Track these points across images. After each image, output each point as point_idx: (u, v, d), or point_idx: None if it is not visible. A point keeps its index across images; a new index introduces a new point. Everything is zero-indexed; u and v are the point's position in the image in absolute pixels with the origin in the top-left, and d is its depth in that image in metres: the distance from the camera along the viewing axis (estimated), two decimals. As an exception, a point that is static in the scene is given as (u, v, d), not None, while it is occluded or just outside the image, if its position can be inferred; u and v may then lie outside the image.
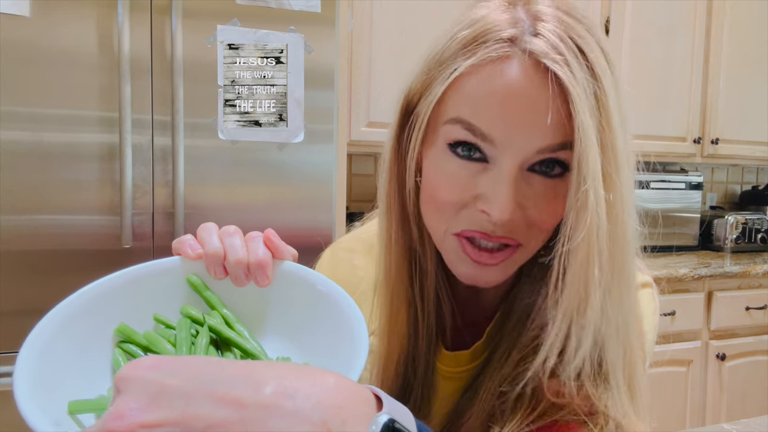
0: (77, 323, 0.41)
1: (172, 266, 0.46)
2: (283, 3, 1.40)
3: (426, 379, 0.58)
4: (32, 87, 1.25)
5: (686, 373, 2.11)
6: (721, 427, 0.91)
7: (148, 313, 0.45)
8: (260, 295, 0.47)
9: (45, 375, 0.37)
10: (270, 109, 1.41)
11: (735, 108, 2.45)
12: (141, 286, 0.45)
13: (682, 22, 2.35)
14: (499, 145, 0.46)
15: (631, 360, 0.50)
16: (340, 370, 0.41)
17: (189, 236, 0.47)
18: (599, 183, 0.44)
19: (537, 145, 0.46)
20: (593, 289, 0.45)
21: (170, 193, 1.36)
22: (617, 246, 0.45)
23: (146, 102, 1.33)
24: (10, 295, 1.25)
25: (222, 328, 0.44)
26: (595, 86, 0.44)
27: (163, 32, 1.33)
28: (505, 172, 0.47)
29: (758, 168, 3.00)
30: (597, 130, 0.44)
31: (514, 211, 0.47)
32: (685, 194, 2.44)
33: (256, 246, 0.46)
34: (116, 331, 0.43)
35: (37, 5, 1.24)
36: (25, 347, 0.38)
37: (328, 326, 0.45)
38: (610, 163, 0.44)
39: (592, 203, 0.43)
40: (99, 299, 0.43)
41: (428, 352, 0.57)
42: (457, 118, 0.48)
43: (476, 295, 0.60)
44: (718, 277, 2.11)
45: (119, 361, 0.42)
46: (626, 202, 0.46)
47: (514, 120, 0.46)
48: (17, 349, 0.38)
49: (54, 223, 1.29)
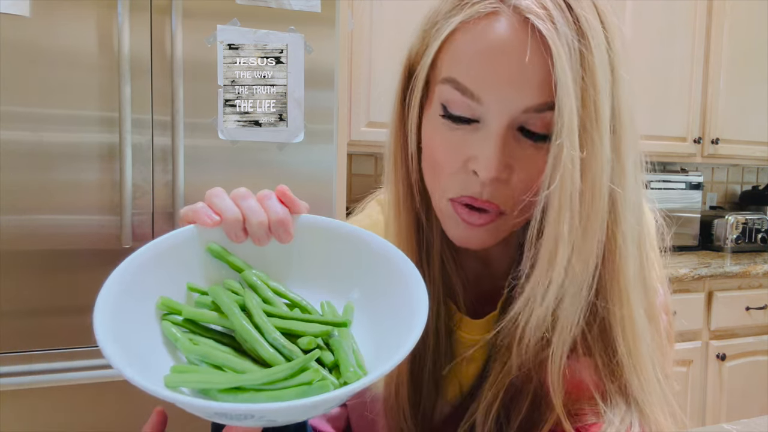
0: (122, 305, 0.41)
1: (188, 236, 0.46)
2: (283, 3, 1.40)
3: (438, 346, 0.58)
4: (32, 87, 1.25)
5: (686, 373, 2.11)
6: (721, 427, 0.91)
7: (179, 285, 0.46)
8: (283, 250, 0.48)
9: (127, 357, 0.37)
10: (270, 109, 1.41)
11: (735, 108, 2.45)
12: (164, 260, 0.45)
13: (682, 22, 2.35)
14: (486, 104, 0.47)
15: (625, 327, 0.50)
16: (396, 303, 0.44)
17: (201, 204, 0.46)
18: (575, 140, 0.44)
19: (523, 104, 0.46)
20: (562, 244, 0.45)
21: (170, 193, 1.36)
22: (589, 206, 0.45)
23: (146, 102, 1.33)
24: (10, 295, 1.25)
25: (261, 285, 0.45)
26: (581, 42, 0.44)
27: (163, 32, 1.33)
28: (493, 130, 0.47)
29: (758, 168, 3.00)
30: (579, 86, 0.44)
31: (500, 169, 0.47)
32: (685, 194, 2.44)
33: (274, 204, 0.46)
34: (159, 306, 0.43)
35: (37, 5, 1.24)
36: (98, 332, 0.37)
37: (363, 265, 0.47)
38: (591, 121, 0.44)
39: (565, 158, 0.43)
40: (134, 278, 0.43)
41: (437, 316, 0.57)
42: (448, 78, 0.48)
43: (486, 268, 0.61)
44: (718, 277, 2.11)
45: (175, 334, 0.42)
46: (603, 161, 0.45)
47: (499, 77, 0.46)
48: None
49: (54, 223, 1.29)
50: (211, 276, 0.47)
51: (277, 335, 0.41)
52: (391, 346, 0.40)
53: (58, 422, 1.29)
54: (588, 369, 0.51)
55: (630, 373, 0.50)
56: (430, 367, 0.58)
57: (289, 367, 0.37)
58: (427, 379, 0.58)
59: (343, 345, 0.41)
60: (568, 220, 0.44)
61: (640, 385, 0.50)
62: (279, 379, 0.37)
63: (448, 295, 0.59)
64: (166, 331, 0.42)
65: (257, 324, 0.42)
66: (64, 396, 1.28)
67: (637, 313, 0.50)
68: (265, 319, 0.42)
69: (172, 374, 0.39)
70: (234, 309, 0.42)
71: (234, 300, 0.43)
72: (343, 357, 0.40)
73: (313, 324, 0.42)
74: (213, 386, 0.38)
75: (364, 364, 0.42)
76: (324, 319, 0.44)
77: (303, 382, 0.37)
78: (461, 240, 0.53)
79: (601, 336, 0.50)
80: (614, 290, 0.49)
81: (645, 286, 0.52)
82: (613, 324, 0.50)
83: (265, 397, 0.37)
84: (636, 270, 0.50)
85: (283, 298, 0.46)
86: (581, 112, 0.44)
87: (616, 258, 0.48)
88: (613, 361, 0.50)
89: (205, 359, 0.41)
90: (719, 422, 2.14)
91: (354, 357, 0.42)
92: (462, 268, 0.60)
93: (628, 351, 0.50)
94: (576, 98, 0.43)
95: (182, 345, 0.42)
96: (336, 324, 0.43)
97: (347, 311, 0.46)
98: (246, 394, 0.37)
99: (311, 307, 0.46)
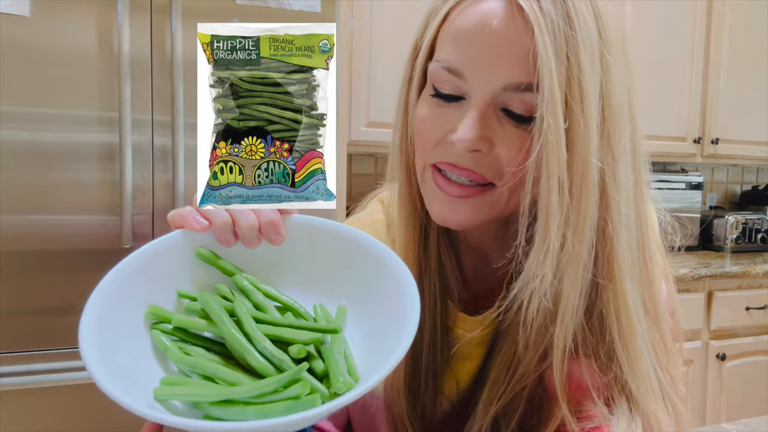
0: (111, 314, 0.41)
1: (177, 242, 0.46)
2: (283, 3, 1.41)
3: (435, 341, 0.58)
4: (32, 87, 1.25)
5: (686, 373, 2.11)
6: (721, 427, 0.91)
7: (169, 292, 0.45)
8: (274, 252, 0.48)
9: (110, 371, 0.37)
10: None
11: (735, 108, 2.45)
12: (153, 267, 0.45)
13: (682, 22, 2.35)
14: (469, 79, 0.48)
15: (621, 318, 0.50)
16: (389, 303, 0.43)
17: (189, 209, 0.46)
18: (557, 113, 0.44)
19: (503, 80, 0.47)
20: (552, 215, 0.45)
21: (170, 193, 1.36)
22: (580, 178, 0.46)
23: (146, 102, 1.33)
24: (10, 295, 1.25)
25: (252, 290, 0.45)
26: (565, 23, 0.45)
27: (163, 32, 1.33)
28: (473, 103, 0.48)
29: (758, 168, 3.00)
30: (562, 64, 0.44)
31: (477, 140, 0.47)
32: (685, 194, 2.44)
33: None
34: (147, 315, 0.43)
35: (37, 5, 1.24)
36: (82, 345, 0.37)
37: (354, 265, 0.47)
38: (575, 99, 0.45)
39: (551, 132, 0.44)
40: (121, 288, 0.43)
41: (434, 313, 0.58)
42: (438, 58, 0.50)
43: (483, 263, 0.61)
44: (718, 277, 2.11)
45: (164, 343, 0.42)
46: (589, 138, 0.45)
47: (481, 54, 0.47)
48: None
49: (54, 223, 1.29)
50: (201, 281, 0.46)
51: (267, 344, 0.40)
52: (383, 349, 0.40)
53: (58, 422, 1.29)
54: (589, 369, 0.51)
55: (626, 370, 0.50)
56: (428, 363, 0.58)
57: (278, 380, 0.37)
58: (424, 375, 0.58)
59: (334, 353, 0.41)
60: (556, 190, 0.45)
61: (636, 380, 0.50)
62: (268, 392, 0.37)
63: (446, 292, 0.59)
64: (156, 340, 0.42)
65: (247, 332, 0.41)
66: (64, 396, 1.28)
67: (632, 303, 0.50)
68: (255, 327, 0.41)
69: (162, 387, 0.39)
70: (223, 316, 0.42)
71: (223, 306, 0.43)
72: (333, 366, 0.40)
73: (303, 331, 0.42)
74: (203, 399, 0.38)
75: (357, 370, 0.42)
76: (315, 326, 0.43)
77: (291, 396, 0.37)
78: (441, 215, 0.52)
79: (600, 329, 0.50)
80: (607, 275, 0.49)
81: (643, 278, 0.52)
82: (607, 313, 0.50)
83: (253, 410, 0.37)
84: (631, 259, 0.50)
85: (274, 302, 0.46)
86: (565, 88, 0.45)
87: (608, 242, 0.48)
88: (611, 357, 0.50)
89: (196, 370, 0.40)
90: (719, 422, 2.14)
91: (346, 363, 0.41)
92: (459, 263, 0.60)
93: (624, 345, 0.50)
94: (558, 74, 0.44)
95: (172, 355, 0.41)
96: (326, 330, 0.42)
97: (340, 314, 0.46)
98: (236, 407, 0.37)
99: (304, 310, 0.46)
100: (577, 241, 0.46)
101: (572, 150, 0.45)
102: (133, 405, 0.34)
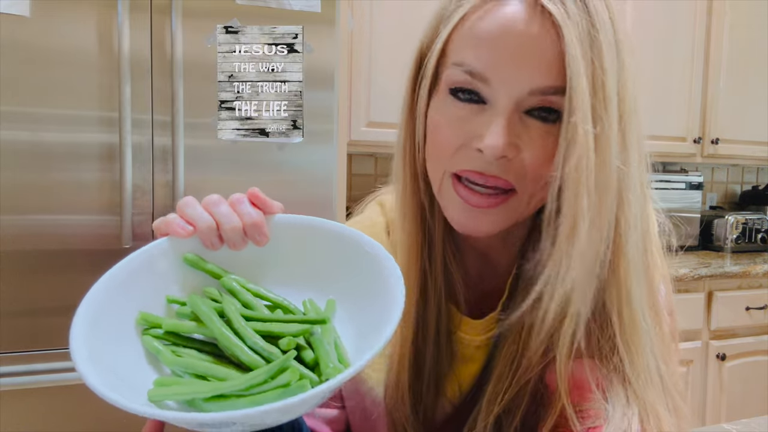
0: (102, 325, 0.41)
1: (163, 249, 0.46)
2: (283, 3, 1.40)
3: (438, 346, 0.58)
4: (32, 87, 1.25)
5: (686, 373, 2.11)
6: (721, 427, 0.91)
7: (159, 298, 0.46)
8: (260, 253, 0.48)
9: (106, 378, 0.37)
10: (281, 114, 1.38)
11: (735, 108, 2.45)
12: (141, 275, 0.45)
13: (682, 22, 2.35)
14: (494, 84, 0.47)
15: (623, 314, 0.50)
16: (375, 293, 0.44)
17: (173, 216, 0.46)
18: (588, 117, 0.44)
19: (530, 85, 0.46)
20: (581, 218, 0.45)
21: (170, 193, 1.36)
22: (604, 180, 0.46)
23: (146, 102, 1.33)
24: (10, 295, 1.25)
25: (242, 290, 0.46)
26: (590, 24, 0.45)
27: (163, 32, 1.33)
28: (499, 110, 0.47)
29: (758, 168, 3.00)
30: (589, 67, 0.44)
31: (506, 146, 0.47)
32: (685, 194, 2.44)
33: (246, 208, 0.47)
34: (138, 321, 0.43)
35: (37, 5, 1.24)
36: (74, 353, 0.38)
37: (340, 259, 0.47)
38: (599, 101, 0.45)
39: (581, 136, 0.44)
40: (110, 298, 0.43)
41: (438, 318, 0.57)
42: (458, 62, 0.49)
43: (487, 266, 0.60)
44: (718, 277, 2.11)
45: (156, 347, 0.42)
46: (612, 141, 0.46)
47: (506, 57, 0.46)
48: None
49: (54, 223, 1.29)
50: (190, 285, 0.47)
51: (257, 339, 0.41)
52: (372, 336, 0.41)
53: (57, 422, 1.29)
54: (591, 369, 0.51)
55: (627, 363, 0.50)
56: (431, 367, 0.58)
57: (267, 370, 0.38)
58: (427, 379, 0.58)
59: (323, 342, 0.41)
60: (586, 195, 0.45)
61: (636, 373, 0.50)
62: (259, 383, 0.37)
63: (450, 297, 0.59)
64: (147, 345, 0.42)
65: (236, 330, 0.42)
66: (64, 396, 1.28)
67: (637, 298, 0.50)
68: (244, 324, 0.42)
69: (155, 388, 0.39)
70: (213, 317, 0.42)
71: (212, 308, 0.43)
72: (323, 354, 0.41)
73: (292, 324, 0.42)
74: (196, 396, 0.38)
75: (348, 357, 0.42)
76: (303, 317, 0.44)
77: (281, 384, 0.37)
78: (464, 224, 0.52)
79: (604, 322, 0.50)
80: (616, 270, 0.49)
81: (646, 278, 0.52)
82: (611, 307, 0.50)
83: (246, 402, 0.37)
84: (638, 258, 0.50)
85: (263, 300, 0.46)
86: (591, 91, 0.45)
87: (619, 239, 0.49)
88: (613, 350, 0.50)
89: (189, 370, 0.41)
90: (719, 422, 2.14)
91: (336, 351, 0.42)
92: (463, 265, 0.60)
93: (627, 339, 0.50)
94: (587, 77, 0.44)
95: (165, 358, 0.42)
96: (315, 321, 0.43)
97: (329, 307, 0.46)
98: (229, 401, 0.38)
99: (293, 306, 0.46)
100: (599, 240, 0.47)
101: (599, 152, 0.45)
102: (133, 405, 0.34)
